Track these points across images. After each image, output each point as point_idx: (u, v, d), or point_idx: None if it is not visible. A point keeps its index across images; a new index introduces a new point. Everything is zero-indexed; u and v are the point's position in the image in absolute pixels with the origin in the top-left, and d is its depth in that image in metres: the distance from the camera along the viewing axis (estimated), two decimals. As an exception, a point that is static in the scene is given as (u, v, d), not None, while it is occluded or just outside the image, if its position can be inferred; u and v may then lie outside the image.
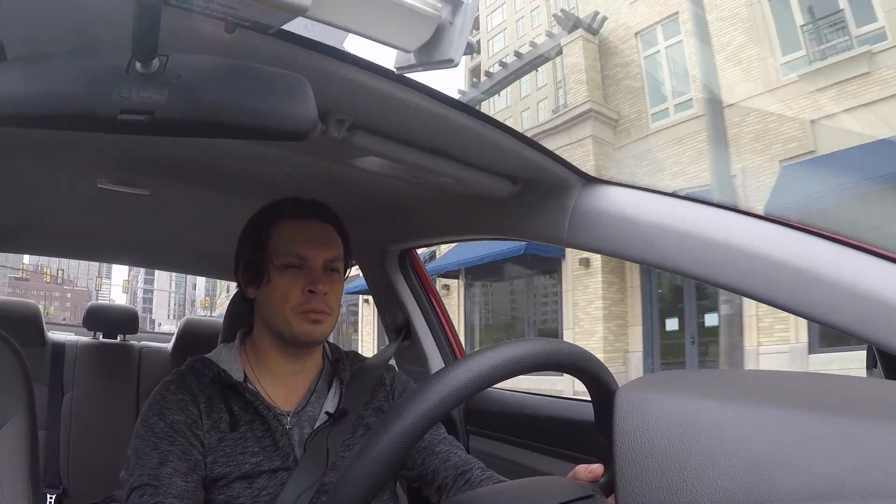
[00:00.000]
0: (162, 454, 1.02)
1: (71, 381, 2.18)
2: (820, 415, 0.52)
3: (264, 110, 0.59)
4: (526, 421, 1.61)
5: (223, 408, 1.10)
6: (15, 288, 56.99)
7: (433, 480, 1.20)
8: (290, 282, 1.12)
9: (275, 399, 1.14)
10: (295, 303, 1.11)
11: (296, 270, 1.13)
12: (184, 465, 1.02)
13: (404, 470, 1.25)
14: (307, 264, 1.13)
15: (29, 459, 1.07)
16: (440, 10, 0.72)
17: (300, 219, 1.16)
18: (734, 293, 0.94)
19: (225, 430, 1.08)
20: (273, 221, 1.16)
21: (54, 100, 0.54)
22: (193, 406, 1.08)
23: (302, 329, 1.12)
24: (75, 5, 0.66)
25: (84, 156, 1.29)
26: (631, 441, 0.56)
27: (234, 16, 0.53)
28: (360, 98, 0.91)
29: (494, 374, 0.63)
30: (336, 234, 1.19)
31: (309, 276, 1.12)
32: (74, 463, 2.06)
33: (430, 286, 1.92)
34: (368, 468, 0.58)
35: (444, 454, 1.21)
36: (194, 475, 1.02)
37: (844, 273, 0.82)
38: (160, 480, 0.99)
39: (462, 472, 1.17)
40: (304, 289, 1.11)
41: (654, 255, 1.03)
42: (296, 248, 1.13)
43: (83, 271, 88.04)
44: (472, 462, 1.20)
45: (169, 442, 1.03)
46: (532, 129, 13.19)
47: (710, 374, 0.89)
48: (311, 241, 1.14)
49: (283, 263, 1.12)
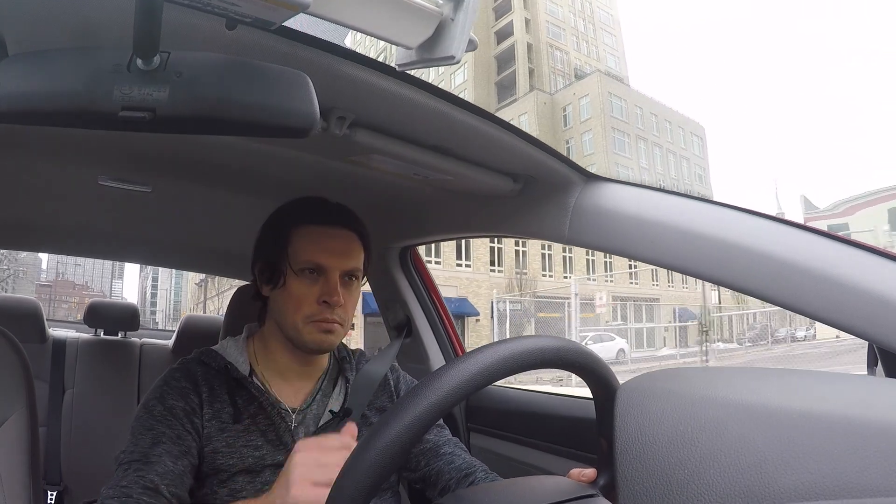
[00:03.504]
0: (156, 435, 1.03)
1: (72, 378, 2.19)
2: (821, 413, 0.52)
3: (266, 107, 0.59)
4: (527, 418, 1.61)
5: (227, 399, 1.10)
6: (40, 293, 58.84)
7: (437, 482, 1.20)
8: (305, 289, 1.11)
9: (280, 395, 1.15)
10: (308, 312, 1.10)
11: (313, 277, 1.12)
12: (175, 448, 1.02)
13: (408, 472, 1.25)
14: (325, 273, 1.12)
15: (29, 456, 1.07)
16: (442, 7, 0.72)
17: (323, 224, 1.15)
18: (735, 291, 0.94)
19: (227, 421, 1.09)
20: (295, 223, 1.15)
21: (56, 96, 0.53)
22: (195, 395, 1.09)
23: (312, 338, 1.12)
24: (77, 2, 0.66)
25: (85, 153, 1.29)
26: (632, 438, 0.56)
27: (236, 12, 0.53)
28: (362, 95, 0.91)
29: (496, 371, 0.63)
30: (358, 241, 1.18)
31: (325, 286, 1.11)
32: (75, 460, 2.07)
33: (432, 283, 1.92)
34: (367, 466, 0.57)
35: (449, 456, 1.21)
36: (185, 460, 1.03)
37: (845, 271, 0.82)
38: (149, 458, 1.00)
39: (466, 475, 1.17)
40: (319, 299, 1.10)
41: (655, 252, 1.03)
42: (315, 255, 1.12)
43: (97, 274, 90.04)
44: (476, 465, 1.20)
45: (165, 425, 1.04)
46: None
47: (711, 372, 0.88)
48: (332, 251, 1.13)
49: (300, 269, 1.11)
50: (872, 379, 0.80)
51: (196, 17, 0.65)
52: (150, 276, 76.90)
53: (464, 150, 1.14)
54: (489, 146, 1.10)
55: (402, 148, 1.09)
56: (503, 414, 1.69)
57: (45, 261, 70.98)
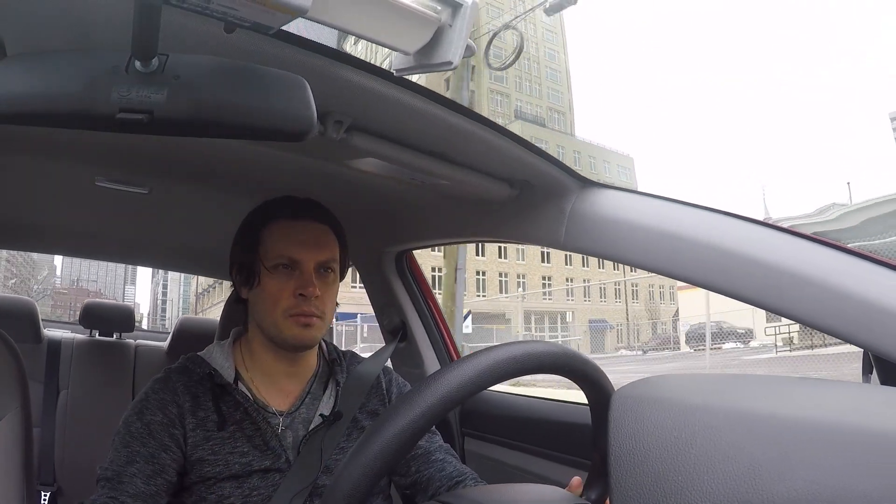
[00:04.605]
0: (131, 453, 1.03)
1: (66, 378, 2.18)
2: (816, 421, 0.52)
3: (263, 111, 0.59)
4: (521, 423, 1.60)
5: (211, 407, 1.10)
6: (56, 300, 59.54)
7: (427, 489, 1.19)
8: (280, 284, 1.11)
9: (268, 399, 1.14)
10: (285, 306, 1.10)
11: (287, 272, 1.11)
12: (148, 468, 1.02)
13: (398, 477, 1.24)
14: (299, 266, 1.11)
15: (23, 457, 1.06)
16: (440, 13, 0.72)
17: (292, 219, 1.15)
18: (730, 297, 0.95)
19: (212, 429, 1.08)
20: (265, 222, 1.15)
21: (53, 98, 0.54)
22: (173, 406, 1.08)
23: (291, 333, 1.11)
24: (75, 4, 0.66)
25: (82, 154, 1.29)
26: (626, 444, 0.56)
27: (234, 16, 0.53)
28: (359, 99, 0.91)
29: (490, 376, 0.63)
30: (331, 233, 1.18)
31: (300, 279, 1.11)
32: (69, 461, 2.06)
33: (428, 288, 1.92)
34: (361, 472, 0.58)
35: (440, 463, 1.21)
36: (159, 479, 1.03)
37: (841, 278, 0.82)
38: (121, 478, 1.01)
39: (456, 483, 1.16)
40: (295, 292, 1.10)
41: (651, 258, 1.03)
42: (286, 249, 1.11)
43: (110, 280, 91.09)
44: (467, 472, 1.19)
45: (140, 443, 1.04)
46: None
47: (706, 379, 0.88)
48: (303, 243, 1.13)
49: (273, 265, 1.11)
50: (867, 386, 0.80)
51: (195, 20, 0.65)
52: (161, 283, 77.43)
53: (460, 155, 1.14)
54: (486, 151, 1.11)
55: (399, 152, 1.09)
56: (497, 419, 1.69)
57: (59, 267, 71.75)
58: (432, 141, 1.09)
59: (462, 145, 1.10)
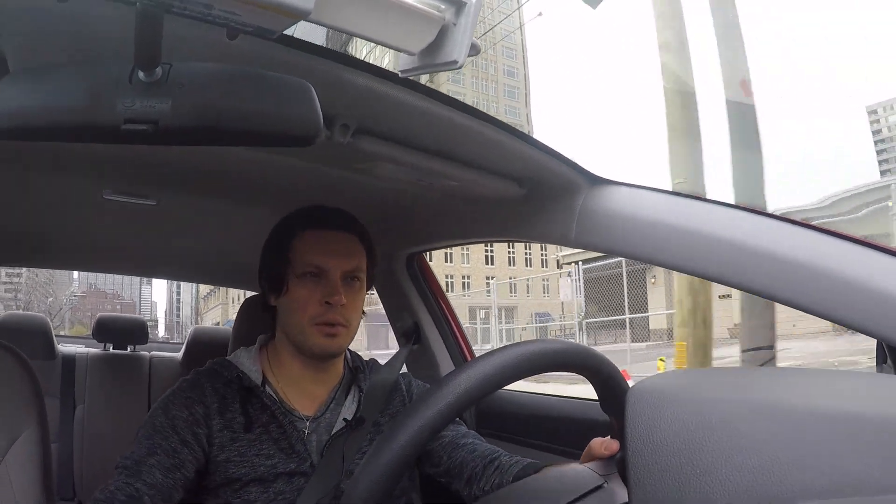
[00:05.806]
0: (152, 445, 1.05)
1: (82, 393, 2.19)
2: (832, 411, 0.52)
3: (269, 116, 0.58)
4: (539, 422, 1.60)
5: (238, 409, 1.11)
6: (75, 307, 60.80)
7: (462, 472, 1.18)
8: (308, 292, 1.12)
9: (294, 403, 1.15)
10: (312, 314, 1.11)
11: (314, 280, 1.13)
12: (168, 461, 1.04)
13: (431, 467, 1.24)
14: (326, 275, 1.13)
15: (42, 472, 1.07)
16: (444, 12, 0.71)
17: (321, 228, 1.17)
18: (743, 291, 0.94)
19: (239, 431, 1.09)
20: (295, 231, 1.17)
21: (58, 112, 0.53)
22: (200, 405, 1.10)
23: (316, 342, 1.12)
24: (76, 17, 0.66)
25: (90, 167, 1.29)
26: (643, 438, 0.56)
27: (236, 22, 0.52)
28: (365, 102, 0.91)
29: (504, 376, 0.64)
30: (359, 243, 1.19)
31: (327, 287, 1.12)
32: (88, 474, 2.07)
33: (440, 290, 1.91)
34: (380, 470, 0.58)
35: (470, 446, 1.21)
36: (177, 473, 1.04)
37: (854, 270, 0.82)
38: (140, 467, 1.02)
39: (491, 461, 1.15)
40: (321, 300, 1.11)
41: (662, 254, 1.02)
42: (314, 257, 1.13)
43: (126, 282, 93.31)
44: (499, 450, 1.19)
45: (162, 437, 1.06)
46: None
47: (721, 372, 0.88)
48: (331, 252, 1.14)
49: (301, 273, 1.13)
50: (882, 376, 0.80)
51: (197, 27, 0.65)
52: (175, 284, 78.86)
53: (468, 155, 1.14)
54: (494, 150, 1.10)
55: (407, 154, 1.09)
56: (514, 418, 1.68)
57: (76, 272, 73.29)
58: (440, 141, 1.09)
59: (470, 145, 1.09)
